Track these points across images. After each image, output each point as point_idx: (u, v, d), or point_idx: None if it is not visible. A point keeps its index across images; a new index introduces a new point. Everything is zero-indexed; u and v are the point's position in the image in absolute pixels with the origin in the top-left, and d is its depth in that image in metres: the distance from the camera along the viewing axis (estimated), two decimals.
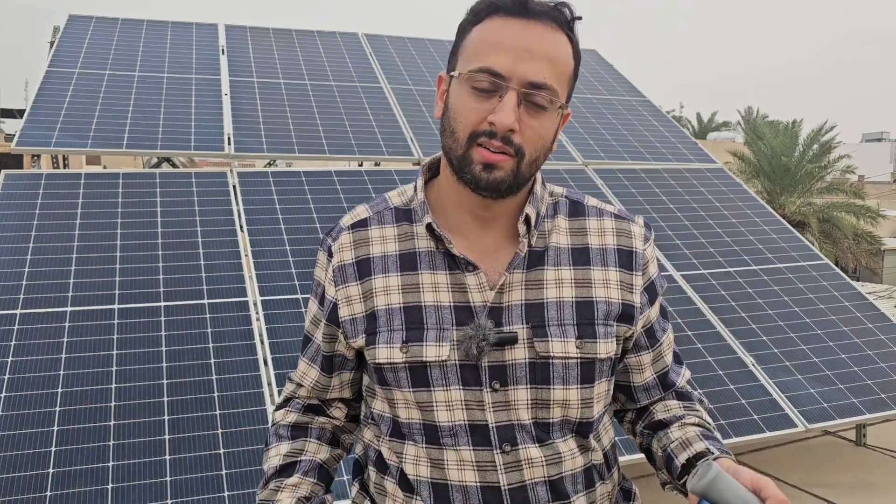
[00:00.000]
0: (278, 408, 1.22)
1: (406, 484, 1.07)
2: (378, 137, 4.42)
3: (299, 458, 1.15)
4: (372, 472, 1.13)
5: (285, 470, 1.14)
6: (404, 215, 1.10)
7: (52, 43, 5.12)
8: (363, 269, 1.08)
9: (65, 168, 5.81)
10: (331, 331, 1.12)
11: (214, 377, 2.78)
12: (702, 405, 1.17)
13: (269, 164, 7.50)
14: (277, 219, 3.63)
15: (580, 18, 1.02)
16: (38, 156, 4.16)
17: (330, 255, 1.11)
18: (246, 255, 3.40)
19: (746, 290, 3.89)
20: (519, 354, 1.02)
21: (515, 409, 1.02)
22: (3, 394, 2.57)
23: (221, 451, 2.53)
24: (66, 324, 2.88)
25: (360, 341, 1.07)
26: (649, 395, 1.16)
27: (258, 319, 3.09)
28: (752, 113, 35.35)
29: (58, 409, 2.56)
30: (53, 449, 2.44)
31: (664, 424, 1.13)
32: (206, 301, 3.10)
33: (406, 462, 1.06)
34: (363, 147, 4.31)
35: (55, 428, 2.50)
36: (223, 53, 5.00)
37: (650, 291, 1.11)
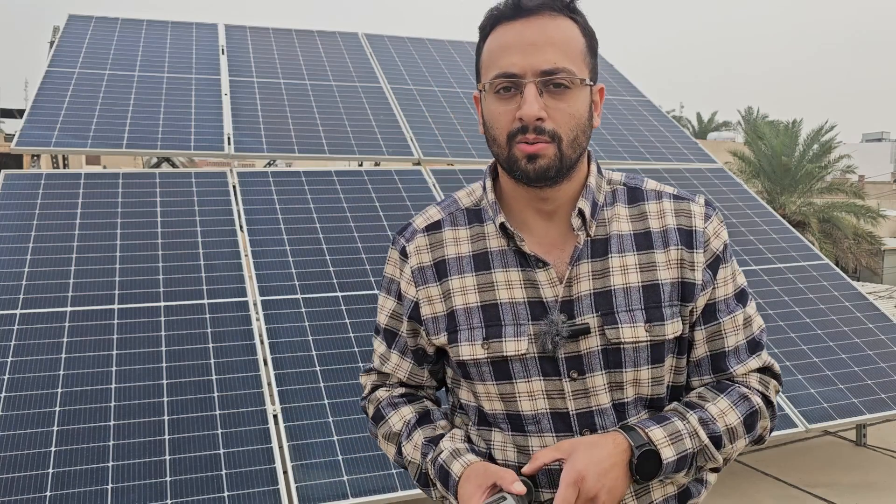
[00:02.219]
0: (370, 393, 1.26)
1: None
2: (378, 137, 4.42)
3: (430, 409, 1.22)
4: None
5: (425, 418, 1.20)
6: (475, 216, 1.16)
7: (52, 43, 5.11)
8: (441, 270, 1.14)
9: (65, 168, 5.81)
10: (413, 327, 1.18)
11: (214, 377, 2.78)
12: (740, 404, 1.12)
13: (269, 164, 7.50)
14: (277, 219, 3.63)
15: None
16: (38, 156, 4.15)
17: (404, 255, 1.17)
18: (246, 255, 3.40)
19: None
20: (592, 343, 1.07)
21: (595, 394, 1.08)
22: (3, 394, 2.57)
23: (221, 451, 2.53)
24: (66, 324, 2.88)
25: (441, 339, 1.14)
26: (699, 373, 1.16)
27: (258, 319, 3.08)
28: (752, 113, 35.33)
29: (58, 409, 2.56)
30: (53, 449, 2.43)
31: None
32: (206, 301, 3.10)
33: (494, 448, 1.13)
34: (363, 147, 4.31)
35: (55, 428, 2.50)
36: (223, 53, 5.00)
37: (713, 267, 1.12)
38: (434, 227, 1.17)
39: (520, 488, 1.01)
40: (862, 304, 4.00)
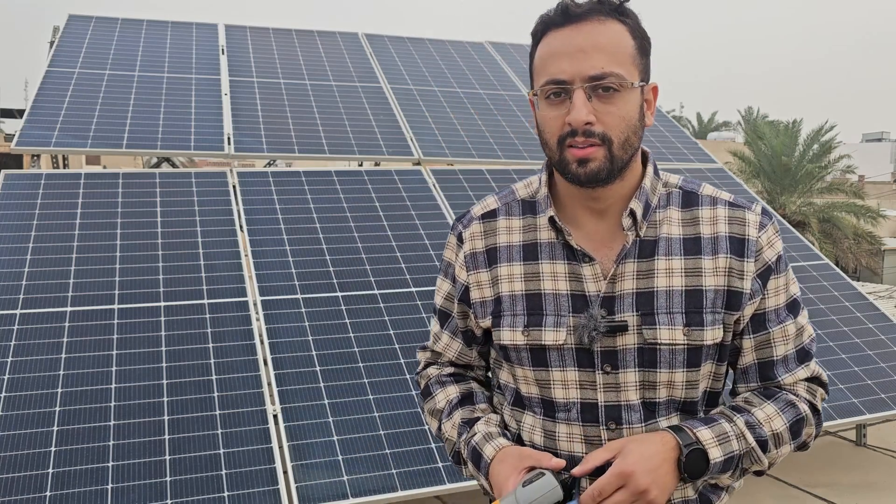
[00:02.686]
0: (423, 369, 1.34)
1: None
2: (378, 137, 4.42)
3: (474, 391, 1.28)
4: None
5: (467, 399, 1.26)
6: (529, 207, 1.20)
7: (52, 43, 5.11)
8: (491, 256, 1.19)
9: (65, 168, 5.81)
10: (463, 309, 1.24)
11: (214, 377, 2.78)
12: (787, 410, 1.13)
13: (269, 164, 7.50)
14: (277, 219, 3.63)
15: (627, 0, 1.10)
16: (38, 156, 4.15)
17: (460, 240, 1.22)
18: (246, 255, 3.40)
19: None
20: (629, 340, 1.10)
21: (625, 390, 1.11)
22: (3, 394, 2.57)
23: (221, 451, 2.53)
24: (66, 324, 2.88)
25: (486, 322, 1.19)
26: (746, 380, 1.17)
27: (258, 319, 3.08)
28: (752, 113, 35.33)
29: (58, 409, 2.56)
30: (53, 449, 2.43)
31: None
32: (206, 301, 3.10)
33: (523, 430, 1.18)
34: (363, 147, 4.31)
35: (55, 428, 2.50)
36: (223, 53, 5.00)
37: (764, 277, 1.12)
38: (489, 216, 1.21)
39: (559, 462, 1.07)
40: (862, 304, 4.00)
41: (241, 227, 3.54)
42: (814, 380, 1.18)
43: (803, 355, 1.17)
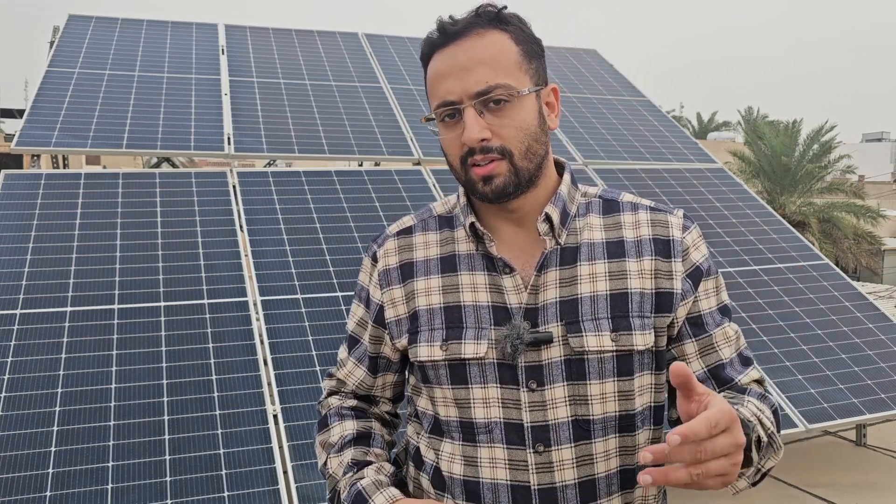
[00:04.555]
0: (326, 398, 1.28)
1: (439, 481, 1.10)
2: (378, 137, 4.42)
3: (373, 433, 1.20)
4: (410, 466, 1.18)
5: (363, 439, 1.18)
6: (446, 222, 1.15)
7: (52, 43, 5.12)
8: (406, 272, 1.13)
9: (65, 168, 5.81)
10: (377, 332, 1.17)
11: (214, 377, 2.78)
12: (765, 401, 1.06)
13: (269, 164, 7.50)
14: (277, 219, 3.63)
15: (505, 7, 1.06)
16: (38, 156, 4.15)
17: (374, 260, 1.17)
18: (246, 255, 3.40)
19: (746, 290, 3.89)
20: (555, 353, 1.04)
21: (553, 408, 1.04)
22: (3, 394, 2.57)
23: (221, 451, 2.53)
24: (66, 324, 2.88)
25: (403, 341, 1.12)
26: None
27: (258, 319, 3.09)
28: (752, 113, 35.33)
29: (58, 409, 2.56)
30: (53, 449, 2.43)
31: None
32: (206, 301, 3.10)
33: (441, 459, 1.10)
34: (363, 147, 4.31)
35: (55, 428, 2.50)
36: (223, 53, 5.00)
37: (694, 278, 1.09)
38: (405, 232, 1.17)
39: None
40: (862, 304, 4.00)
41: (241, 227, 3.54)
42: (762, 382, 1.14)
43: (745, 360, 1.13)
